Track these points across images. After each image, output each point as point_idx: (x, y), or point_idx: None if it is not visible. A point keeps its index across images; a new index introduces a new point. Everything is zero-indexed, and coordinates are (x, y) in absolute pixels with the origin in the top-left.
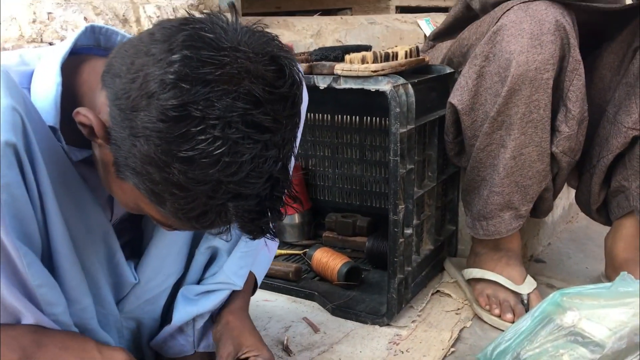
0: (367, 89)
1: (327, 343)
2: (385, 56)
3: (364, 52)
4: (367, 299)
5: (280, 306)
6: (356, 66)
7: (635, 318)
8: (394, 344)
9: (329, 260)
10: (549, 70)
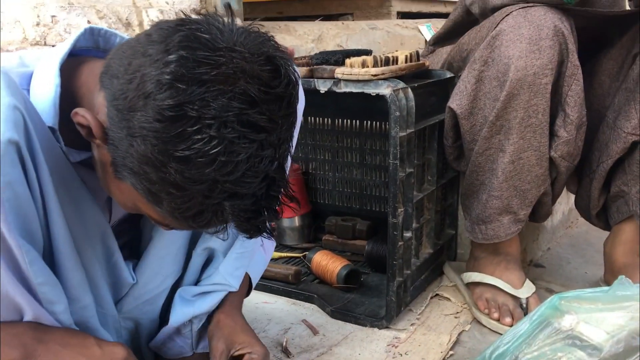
0: (367, 92)
1: (326, 345)
2: (386, 60)
3: (365, 56)
4: (366, 301)
5: (280, 308)
6: (356, 70)
7: (633, 322)
8: (393, 346)
9: (329, 263)
10: (548, 75)
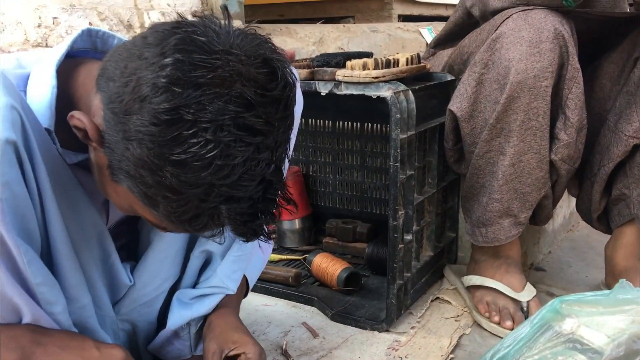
0: (368, 95)
1: (326, 348)
2: (387, 63)
3: (365, 59)
4: (367, 304)
5: (280, 311)
6: (357, 72)
7: (633, 325)
8: (393, 349)
9: (329, 266)
10: (548, 78)
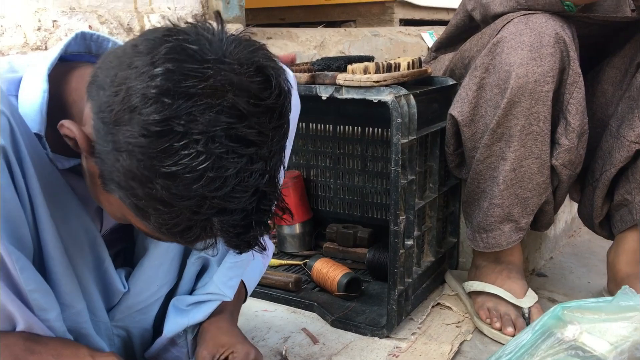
0: (369, 99)
1: (326, 354)
2: (388, 67)
3: (366, 63)
4: (367, 310)
5: (280, 316)
6: (358, 76)
7: (636, 332)
8: (394, 356)
9: (329, 271)
10: (549, 82)
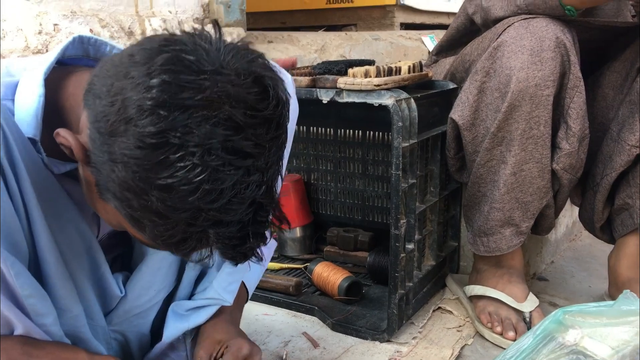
0: (369, 103)
1: (327, 359)
2: (389, 71)
3: (367, 66)
4: (368, 314)
5: (280, 320)
6: (359, 80)
7: (637, 337)
8: None
9: (330, 275)
10: (549, 86)
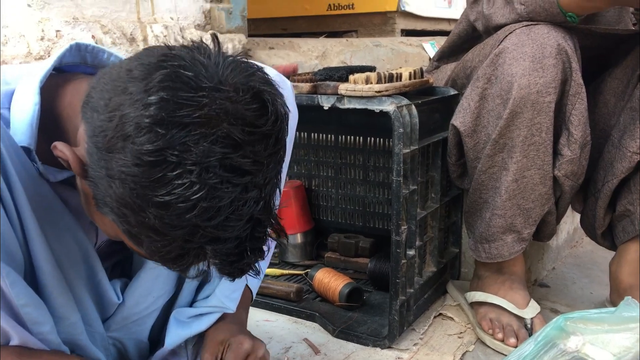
0: (370, 109)
1: None
2: (389, 77)
3: (368, 73)
4: (369, 320)
5: (281, 326)
6: (360, 86)
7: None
8: None
9: (331, 281)
10: (551, 93)
